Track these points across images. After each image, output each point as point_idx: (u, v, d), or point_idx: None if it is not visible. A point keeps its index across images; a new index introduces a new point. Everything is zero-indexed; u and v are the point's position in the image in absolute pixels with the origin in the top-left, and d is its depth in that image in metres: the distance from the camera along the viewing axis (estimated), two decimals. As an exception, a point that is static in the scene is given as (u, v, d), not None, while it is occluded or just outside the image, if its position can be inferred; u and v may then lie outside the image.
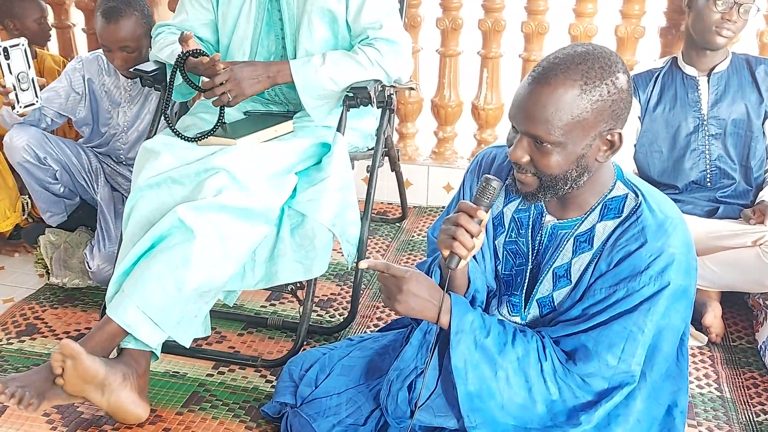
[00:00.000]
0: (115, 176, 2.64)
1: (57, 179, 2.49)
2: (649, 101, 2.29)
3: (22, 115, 2.22)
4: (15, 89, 2.02)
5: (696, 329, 2.15)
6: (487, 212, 1.35)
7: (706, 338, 2.14)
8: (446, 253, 1.37)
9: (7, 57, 1.99)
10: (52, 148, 2.47)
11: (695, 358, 2.08)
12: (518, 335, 1.43)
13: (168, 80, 2.07)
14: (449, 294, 1.43)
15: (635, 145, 2.33)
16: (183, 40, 1.98)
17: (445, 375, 1.47)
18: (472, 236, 1.33)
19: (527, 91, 1.30)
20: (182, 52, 1.98)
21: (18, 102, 2.03)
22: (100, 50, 2.53)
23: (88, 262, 2.40)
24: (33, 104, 2.11)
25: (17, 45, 2.00)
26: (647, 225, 1.35)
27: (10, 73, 2.01)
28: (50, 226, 2.61)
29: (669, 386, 1.46)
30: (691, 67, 2.25)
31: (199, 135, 1.98)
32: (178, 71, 2.02)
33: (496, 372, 1.40)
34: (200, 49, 1.97)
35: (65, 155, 2.50)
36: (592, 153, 1.32)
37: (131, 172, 2.58)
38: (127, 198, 2.50)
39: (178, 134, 2.00)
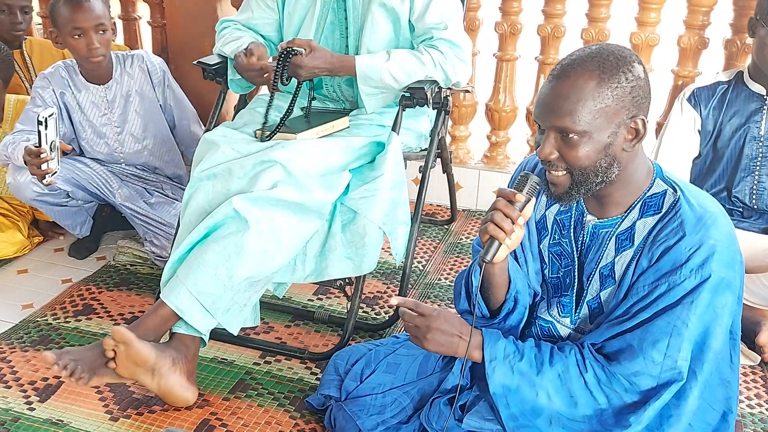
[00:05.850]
0: (128, 178, 2.58)
1: (70, 197, 2.45)
2: (710, 116, 2.23)
3: (48, 185, 2.15)
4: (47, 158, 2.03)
5: (749, 348, 2.10)
6: (528, 202, 1.37)
7: (759, 358, 2.08)
8: (485, 238, 1.38)
9: (45, 127, 1.99)
10: None
11: (746, 377, 2.03)
12: (555, 353, 1.44)
13: (274, 76, 2.05)
14: (480, 329, 1.47)
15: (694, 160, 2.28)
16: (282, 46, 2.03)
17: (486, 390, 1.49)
18: (512, 222, 1.35)
19: (549, 88, 1.36)
20: (284, 48, 2.01)
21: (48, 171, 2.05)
22: (60, 63, 2.48)
23: (156, 253, 2.46)
24: (55, 172, 2.10)
25: (52, 115, 2.01)
26: (686, 218, 1.36)
27: (46, 142, 2.02)
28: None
29: (723, 392, 1.44)
30: (759, 85, 2.18)
31: (269, 134, 2.00)
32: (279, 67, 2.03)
33: (537, 393, 1.41)
34: (296, 48, 2.01)
35: (69, 172, 2.42)
36: (618, 142, 1.35)
37: (142, 169, 2.61)
38: (150, 189, 2.57)
39: (258, 133, 2.01)
